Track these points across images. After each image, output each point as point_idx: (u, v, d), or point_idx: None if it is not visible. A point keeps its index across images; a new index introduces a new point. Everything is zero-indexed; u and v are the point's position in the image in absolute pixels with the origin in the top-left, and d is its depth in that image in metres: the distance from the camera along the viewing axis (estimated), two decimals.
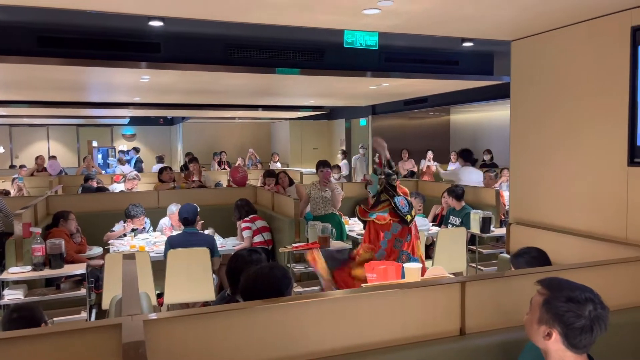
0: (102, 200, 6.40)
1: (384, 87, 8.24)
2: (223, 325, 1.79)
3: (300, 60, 6.05)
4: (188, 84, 7.61)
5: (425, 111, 12.46)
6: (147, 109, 12.18)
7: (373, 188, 4.05)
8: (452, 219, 5.84)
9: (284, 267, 2.23)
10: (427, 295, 2.06)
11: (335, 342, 1.94)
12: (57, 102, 10.45)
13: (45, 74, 6.20)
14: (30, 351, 1.51)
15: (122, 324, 1.62)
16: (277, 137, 17.13)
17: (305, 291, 4.55)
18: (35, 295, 4.15)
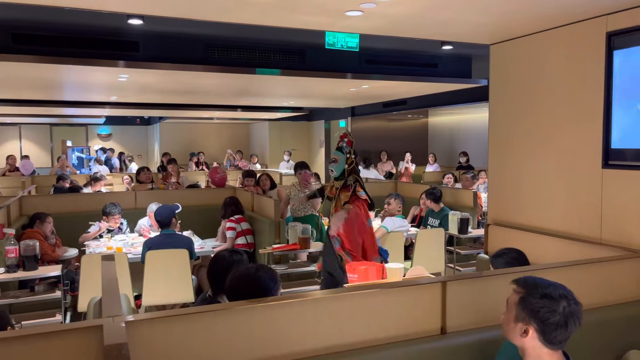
0: (77, 200, 6.27)
1: (363, 89, 8.28)
2: (206, 326, 1.78)
3: (280, 61, 6.05)
4: (167, 83, 7.52)
5: (404, 113, 12.57)
6: (124, 109, 11.99)
7: (339, 167, 3.90)
8: (431, 221, 5.90)
9: (270, 269, 2.22)
10: (409, 295, 2.08)
11: (318, 342, 1.94)
12: (31, 101, 10.21)
13: (19, 71, 6.05)
14: (12, 352, 1.48)
15: (104, 325, 1.60)
16: (256, 137, 17.06)
17: (286, 292, 4.54)
18: (8, 298, 4.05)
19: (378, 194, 6.96)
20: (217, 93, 9.08)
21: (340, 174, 3.89)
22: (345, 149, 3.86)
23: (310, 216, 5.70)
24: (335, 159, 3.87)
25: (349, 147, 3.87)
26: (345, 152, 3.85)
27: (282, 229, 5.20)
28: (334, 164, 3.90)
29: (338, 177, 3.92)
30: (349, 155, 3.84)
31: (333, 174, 3.93)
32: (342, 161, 3.85)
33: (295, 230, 5.01)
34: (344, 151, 3.85)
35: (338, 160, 3.85)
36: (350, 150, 3.86)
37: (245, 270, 2.17)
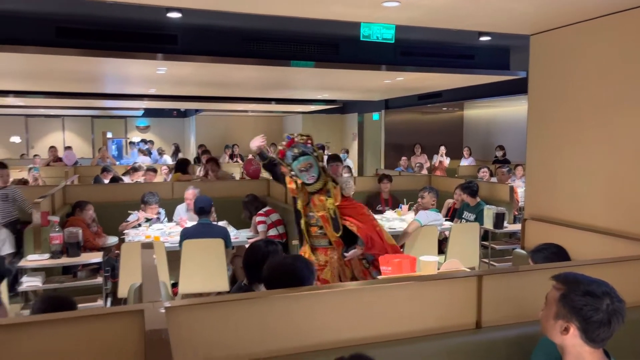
0: (117, 190, 6.47)
1: (398, 81, 8.20)
2: (242, 314, 1.81)
3: (315, 53, 6.04)
4: (203, 76, 7.64)
5: (438, 106, 12.40)
6: (162, 101, 12.26)
7: (316, 169, 3.46)
8: (467, 215, 5.82)
9: (307, 259, 2.25)
10: (444, 288, 2.07)
11: (352, 332, 1.95)
12: (73, 93, 10.55)
13: (63, 64, 6.25)
14: (59, 334, 1.54)
15: (144, 310, 1.65)
16: (289, 130, 17.14)
17: None
18: (53, 283, 4.23)
19: (411, 188, 6.92)
20: (252, 85, 9.17)
21: (319, 176, 3.49)
22: (309, 149, 3.47)
23: None
24: (310, 165, 3.42)
25: (312, 146, 3.50)
26: (311, 152, 3.46)
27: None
28: (311, 169, 3.44)
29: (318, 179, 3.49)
30: (315, 152, 3.48)
31: (313, 180, 3.48)
32: (315, 162, 3.46)
33: None
34: (309, 152, 3.45)
35: (312, 164, 3.43)
36: (314, 149, 3.50)
37: (283, 260, 2.20)
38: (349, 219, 3.49)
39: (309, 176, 3.43)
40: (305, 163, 3.42)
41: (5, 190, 5.51)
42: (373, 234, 3.48)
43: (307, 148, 3.46)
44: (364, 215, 3.54)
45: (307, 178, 3.45)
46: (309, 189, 3.50)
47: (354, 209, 3.54)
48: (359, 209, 3.57)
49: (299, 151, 3.45)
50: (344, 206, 3.52)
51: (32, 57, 5.64)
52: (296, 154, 3.45)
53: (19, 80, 8.42)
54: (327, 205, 3.47)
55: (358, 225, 3.47)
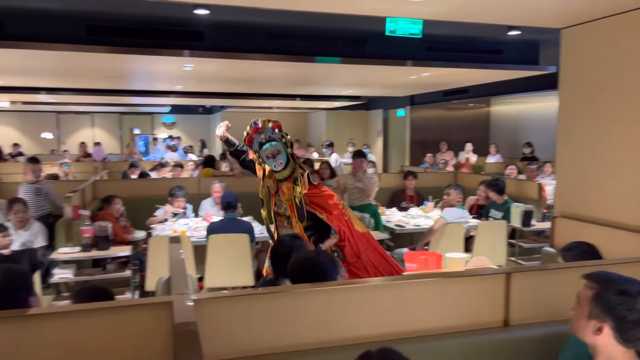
0: (144, 185, 6.58)
1: (424, 76, 8.12)
2: (268, 307, 1.82)
3: (341, 49, 6.03)
4: (229, 72, 7.70)
5: (465, 102, 12.24)
6: (188, 98, 12.41)
7: (284, 155, 3.33)
8: (493, 213, 5.72)
9: (330, 254, 2.25)
10: (471, 285, 2.05)
11: (376, 328, 1.95)
12: (102, 90, 10.77)
13: (93, 62, 6.38)
14: (95, 321, 1.60)
15: (173, 302, 1.68)
16: (314, 127, 17.15)
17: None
18: (83, 275, 4.33)
19: (437, 185, 6.85)
20: (277, 82, 9.21)
21: (287, 163, 3.36)
22: (277, 135, 3.32)
23: (368, 205, 5.69)
24: (277, 151, 3.29)
25: (280, 132, 3.34)
26: (279, 138, 3.31)
27: None
28: (278, 156, 3.30)
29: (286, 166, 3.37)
30: (284, 139, 3.33)
31: (281, 167, 3.35)
32: (283, 149, 3.32)
33: None
34: (276, 138, 3.31)
35: (280, 150, 3.29)
36: (282, 134, 3.34)
37: (307, 254, 2.21)
38: (318, 207, 3.37)
39: (277, 163, 3.31)
40: (272, 149, 3.30)
41: (38, 185, 5.66)
42: (342, 224, 3.37)
43: (274, 134, 3.32)
44: (333, 204, 3.40)
45: (275, 165, 3.32)
46: (277, 176, 3.40)
47: (323, 198, 3.40)
48: (327, 198, 3.41)
49: (265, 137, 3.33)
50: (313, 194, 3.38)
51: (63, 55, 5.77)
52: (263, 140, 3.34)
53: (50, 77, 8.64)
54: (295, 193, 3.34)
55: (328, 214, 3.34)
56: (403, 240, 5.71)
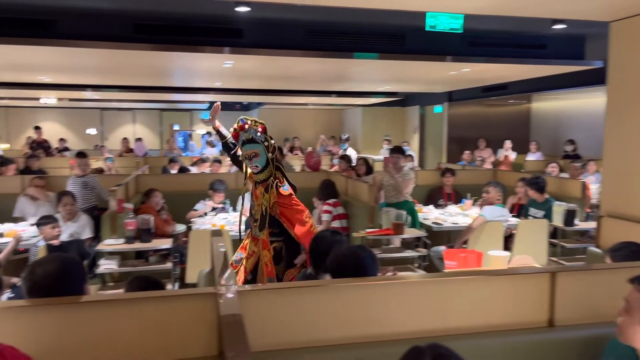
0: (185, 180, 6.73)
1: (464, 72, 7.99)
2: (309, 301, 1.85)
3: (379, 45, 5.99)
4: (267, 69, 7.78)
5: (505, 98, 11.97)
6: (226, 94, 12.60)
7: (262, 159, 3.26)
8: (533, 211, 5.59)
9: (370, 249, 2.26)
10: (515, 283, 2.01)
11: (418, 324, 1.94)
12: (144, 87, 11.06)
13: (137, 59, 6.56)
14: (145, 311, 1.67)
15: (217, 293, 1.73)
16: (349, 123, 17.12)
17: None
18: (127, 266, 4.47)
19: (475, 182, 6.74)
20: (314, 78, 9.24)
21: (265, 167, 3.30)
22: (260, 138, 3.25)
23: (404, 202, 5.65)
24: (255, 154, 3.23)
25: (264, 135, 3.28)
26: (261, 141, 3.25)
27: (376, 214, 5.22)
28: (255, 158, 3.25)
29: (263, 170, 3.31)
30: (267, 142, 3.26)
31: (257, 170, 3.30)
32: (262, 152, 3.26)
33: (389, 215, 5.00)
34: (259, 140, 3.25)
35: (258, 153, 3.23)
36: (266, 137, 3.27)
37: (347, 249, 2.22)
38: (285, 219, 3.29)
39: (252, 165, 3.26)
40: (250, 151, 3.25)
41: (85, 179, 5.88)
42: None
43: (257, 136, 3.26)
44: (300, 220, 3.28)
45: (251, 166, 3.29)
46: (254, 177, 3.36)
47: (290, 211, 3.29)
48: (295, 212, 3.30)
49: (248, 137, 3.29)
50: (283, 204, 3.29)
51: (110, 53, 5.96)
52: (245, 139, 3.31)
53: (96, 74, 8.93)
54: (262, 201, 3.28)
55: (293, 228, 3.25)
56: (440, 238, 5.65)
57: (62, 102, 14.77)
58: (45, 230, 4.26)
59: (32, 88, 10.67)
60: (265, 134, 3.28)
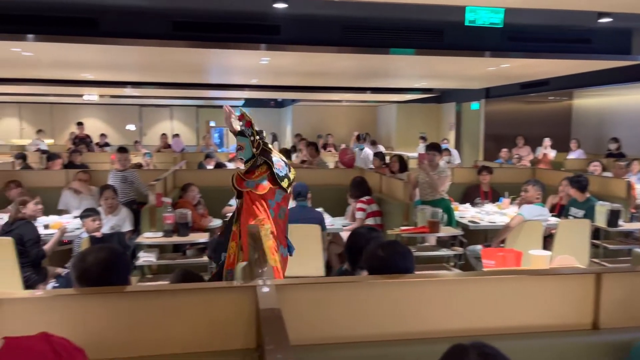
0: (221, 175, 6.82)
1: (503, 68, 7.81)
2: (346, 296, 1.85)
3: (416, 40, 5.92)
4: (303, 65, 7.80)
5: (545, 95, 11.65)
6: (262, 91, 12.71)
7: (246, 153, 3.24)
8: (574, 211, 5.43)
9: (405, 245, 2.24)
10: (558, 284, 1.96)
11: (456, 323, 1.91)
12: (182, 84, 11.28)
13: (176, 56, 6.70)
14: (187, 301, 1.71)
15: (257, 287, 1.75)
16: (383, 120, 17.01)
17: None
18: (165, 259, 4.57)
19: (513, 181, 6.59)
20: (350, 75, 9.22)
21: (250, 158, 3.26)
22: (247, 132, 3.24)
23: (441, 200, 5.58)
24: (240, 147, 3.27)
25: (250, 129, 3.25)
26: (247, 135, 3.24)
27: (410, 211, 5.17)
28: (240, 151, 3.30)
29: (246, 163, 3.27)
30: (252, 137, 3.23)
31: (242, 162, 3.31)
32: (247, 146, 3.24)
33: (424, 213, 4.95)
34: (246, 134, 3.25)
35: (243, 147, 3.24)
36: (252, 132, 3.24)
37: (382, 245, 2.21)
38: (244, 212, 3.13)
39: (238, 157, 3.32)
40: (240, 143, 3.24)
41: (125, 173, 6.04)
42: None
43: (246, 130, 3.24)
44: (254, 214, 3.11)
45: (238, 157, 3.31)
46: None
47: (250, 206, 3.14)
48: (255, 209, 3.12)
49: (240, 129, 3.29)
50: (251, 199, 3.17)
51: (150, 50, 6.10)
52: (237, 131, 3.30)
53: (136, 72, 9.16)
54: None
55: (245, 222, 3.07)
56: (477, 237, 5.56)
57: (103, 99, 15.21)
58: (87, 222, 4.41)
59: (75, 85, 11.04)
60: (251, 129, 3.21)
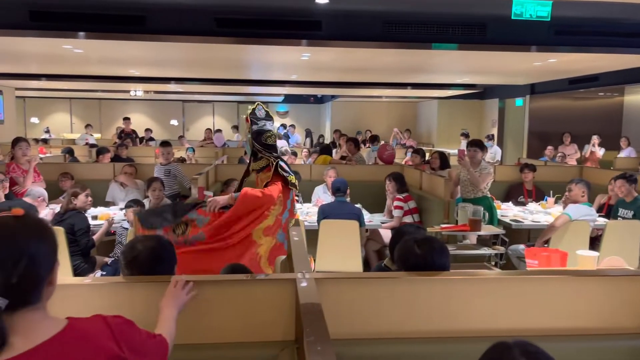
0: None
1: (550, 63, 7.57)
2: (385, 292, 1.84)
3: (459, 35, 5.80)
4: (344, 61, 7.79)
5: (594, 91, 11.23)
6: (301, 87, 12.77)
7: (248, 150, 3.36)
8: (622, 212, 5.21)
9: (441, 241, 2.21)
10: (607, 285, 1.90)
11: (496, 323, 1.88)
12: (223, 80, 11.46)
13: (219, 53, 6.81)
14: (230, 292, 1.77)
15: (296, 279, 1.77)
16: (424, 117, 16.80)
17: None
18: None
19: (559, 179, 6.39)
20: (390, 70, 9.14)
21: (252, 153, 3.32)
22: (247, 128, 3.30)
23: (483, 198, 5.46)
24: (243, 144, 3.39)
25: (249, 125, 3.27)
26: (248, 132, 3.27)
27: (451, 209, 5.10)
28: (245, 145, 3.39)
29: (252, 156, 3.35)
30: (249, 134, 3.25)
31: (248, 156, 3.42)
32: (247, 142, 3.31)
33: (465, 211, 4.86)
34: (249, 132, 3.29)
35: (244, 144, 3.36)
36: (248, 130, 3.26)
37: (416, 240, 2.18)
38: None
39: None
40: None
41: (168, 167, 6.20)
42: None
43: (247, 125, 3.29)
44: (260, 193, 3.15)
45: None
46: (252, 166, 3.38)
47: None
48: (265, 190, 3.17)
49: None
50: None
51: (193, 46, 6.23)
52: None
53: (179, 68, 9.38)
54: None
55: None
56: (519, 237, 5.43)
57: (148, 95, 15.64)
58: (129, 212, 4.54)
59: (122, 81, 11.39)
60: (248, 124, 3.28)
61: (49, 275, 1.13)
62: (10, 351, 1.04)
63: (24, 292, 1.08)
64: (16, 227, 1.10)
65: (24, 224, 1.11)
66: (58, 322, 1.13)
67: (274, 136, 3.30)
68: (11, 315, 1.06)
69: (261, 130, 3.24)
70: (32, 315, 1.10)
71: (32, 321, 1.10)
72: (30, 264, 1.08)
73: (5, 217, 1.12)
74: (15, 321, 1.07)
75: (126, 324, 1.24)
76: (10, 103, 13.00)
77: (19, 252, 1.07)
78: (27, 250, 1.08)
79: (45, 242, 1.13)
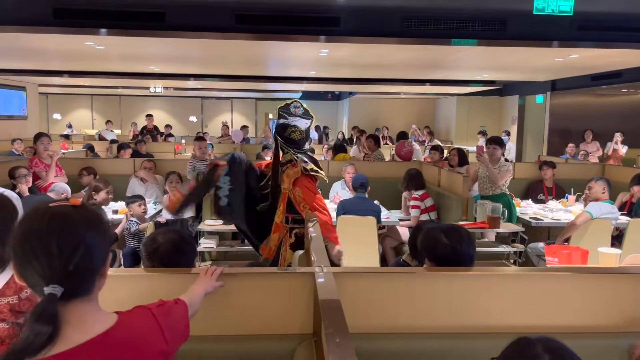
0: None
1: (572, 59, 7.44)
2: (404, 287, 1.84)
3: (479, 30, 5.74)
4: (362, 57, 7.76)
5: (617, 87, 11.00)
6: (319, 84, 12.76)
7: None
8: None
9: (467, 229, 2.19)
10: (628, 283, 1.87)
11: (516, 319, 1.87)
12: (241, 76, 11.52)
13: (238, 49, 6.84)
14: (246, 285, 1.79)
15: (314, 273, 1.78)
16: (442, 113, 16.67)
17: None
18: (224, 246, 4.71)
19: (580, 177, 6.29)
20: (408, 66, 9.08)
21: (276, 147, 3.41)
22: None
23: (501, 195, 5.41)
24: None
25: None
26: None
27: (470, 206, 5.06)
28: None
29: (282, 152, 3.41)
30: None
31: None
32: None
33: (484, 208, 4.82)
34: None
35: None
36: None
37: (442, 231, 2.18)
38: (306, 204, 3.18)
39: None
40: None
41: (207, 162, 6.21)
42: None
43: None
44: (320, 207, 3.20)
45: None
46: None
47: (311, 196, 3.21)
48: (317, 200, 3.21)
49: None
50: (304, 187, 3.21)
51: (212, 43, 6.27)
52: None
53: (198, 64, 9.45)
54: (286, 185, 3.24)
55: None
56: (539, 234, 5.37)
57: (168, 91, 15.80)
58: (133, 207, 4.59)
59: (143, 77, 11.52)
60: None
61: (102, 266, 1.12)
62: (64, 343, 1.03)
63: (79, 281, 1.07)
64: (75, 215, 1.09)
65: (82, 214, 1.10)
66: (109, 316, 1.13)
67: (299, 132, 3.27)
68: (65, 305, 1.05)
69: (286, 124, 3.27)
70: (85, 306, 1.09)
71: (84, 313, 1.08)
72: (87, 253, 1.06)
73: (64, 206, 1.11)
74: (69, 311, 1.05)
75: (165, 311, 1.25)
76: (33, 99, 13.24)
77: (77, 240, 1.05)
78: (84, 239, 1.06)
79: (101, 233, 1.12)
